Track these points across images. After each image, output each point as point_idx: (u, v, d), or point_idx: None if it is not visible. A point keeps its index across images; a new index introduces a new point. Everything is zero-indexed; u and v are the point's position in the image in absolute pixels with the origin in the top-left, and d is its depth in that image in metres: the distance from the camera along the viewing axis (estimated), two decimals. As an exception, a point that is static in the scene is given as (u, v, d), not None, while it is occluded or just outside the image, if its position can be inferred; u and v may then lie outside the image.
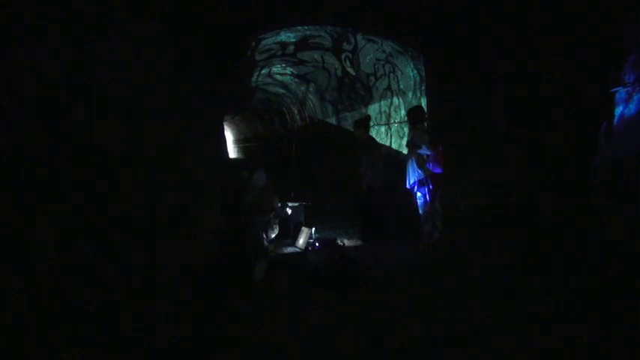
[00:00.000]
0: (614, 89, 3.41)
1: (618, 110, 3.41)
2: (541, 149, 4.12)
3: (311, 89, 8.32)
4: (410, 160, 4.70)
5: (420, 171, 4.57)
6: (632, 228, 3.11)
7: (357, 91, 7.25)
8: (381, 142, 6.61)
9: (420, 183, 4.59)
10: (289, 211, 5.18)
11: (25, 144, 1.74)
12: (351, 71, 6.84)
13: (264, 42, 5.61)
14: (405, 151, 4.91)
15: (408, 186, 4.75)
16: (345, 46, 6.23)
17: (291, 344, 2.50)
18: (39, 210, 1.77)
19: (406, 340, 2.46)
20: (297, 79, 8.12)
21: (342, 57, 6.58)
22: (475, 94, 4.87)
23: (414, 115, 4.85)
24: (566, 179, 3.85)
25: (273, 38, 5.63)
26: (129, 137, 2.57)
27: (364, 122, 5.49)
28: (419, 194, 4.65)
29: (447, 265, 4.00)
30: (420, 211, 4.67)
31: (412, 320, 2.76)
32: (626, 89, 3.37)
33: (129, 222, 2.46)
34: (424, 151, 4.55)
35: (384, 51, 5.92)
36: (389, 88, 6.49)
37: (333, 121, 8.37)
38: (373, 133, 6.84)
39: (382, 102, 6.80)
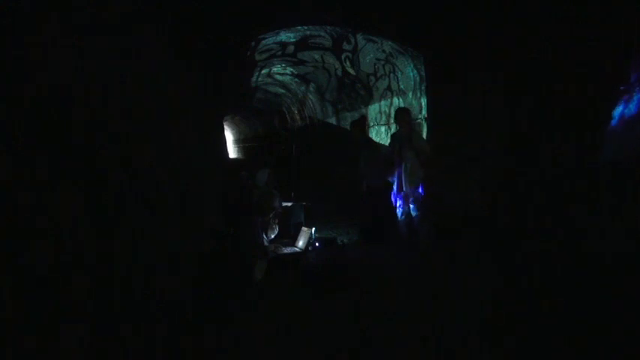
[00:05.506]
0: (624, 86, 3.39)
1: (618, 110, 3.41)
2: (541, 149, 4.12)
3: (311, 89, 8.31)
4: (409, 164, 4.69)
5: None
6: (631, 228, 3.12)
7: (357, 91, 7.25)
8: (381, 142, 6.61)
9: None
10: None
11: (26, 144, 1.74)
12: (351, 71, 6.84)
13: (264, 42, 5.60)
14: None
15: (406, 190, 4.74)
16: (345, 46, 6.22)
17: (290, 345, 2.50)
18: (38, 210, 1.77)
19: (399, 340, 2.46)
20: (297, 79, 8.11)
21: (342, 57, 6.57)
22: (475, 94, 4.87)
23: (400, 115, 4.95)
24: (566, 180, 3.85)
25: (273, 38, 5.63)
26: (129, 137, 2.57)
27: (359, 123, 5.57)
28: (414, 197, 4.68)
29: (446, 266, 4.00)
30: (416, 213, 4.69)
31: (406, 320, 2.76)
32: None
33: (129, 222, 2.46)
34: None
35: (384, 51, 5.91)
36: (389, 88, 6.48)
37: (333, 121, 8.36)
38: (373, 133, 6.84)
39: (382, 102, 6.80)
